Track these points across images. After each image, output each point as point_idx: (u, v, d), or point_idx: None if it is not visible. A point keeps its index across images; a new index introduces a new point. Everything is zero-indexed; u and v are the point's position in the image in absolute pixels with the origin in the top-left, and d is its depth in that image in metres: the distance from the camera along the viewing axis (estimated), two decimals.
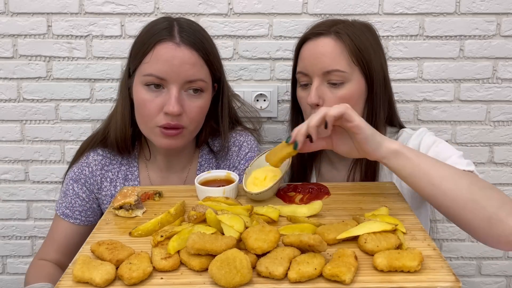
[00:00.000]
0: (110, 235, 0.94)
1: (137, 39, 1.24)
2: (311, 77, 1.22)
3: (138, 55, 1.20)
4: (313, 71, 1.21)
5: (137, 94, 1.21)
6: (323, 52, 1.20)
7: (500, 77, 1.63)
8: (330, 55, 1.20)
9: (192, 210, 0.94)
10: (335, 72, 1.19)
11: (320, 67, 1.20)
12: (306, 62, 1.23)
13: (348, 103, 1.16)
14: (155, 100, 1.18)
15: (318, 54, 1.21)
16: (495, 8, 1.58)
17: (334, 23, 1.24)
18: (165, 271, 0.80)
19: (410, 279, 0.77)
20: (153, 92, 1.18)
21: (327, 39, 1.21)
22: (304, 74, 1.24)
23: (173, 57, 1.16)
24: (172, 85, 1.17)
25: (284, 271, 0.76)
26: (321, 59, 1.20)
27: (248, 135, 1.38)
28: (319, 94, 1.20)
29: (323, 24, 1.26)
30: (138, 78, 1.20)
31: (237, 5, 1.59)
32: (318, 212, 0.99)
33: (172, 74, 1.17)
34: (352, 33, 1.22)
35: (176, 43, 1.17)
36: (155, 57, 1.17)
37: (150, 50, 1.18)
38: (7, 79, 1.65)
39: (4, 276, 1.81)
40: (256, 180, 1.11)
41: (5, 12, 1.59)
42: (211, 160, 1.35)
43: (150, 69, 1.17)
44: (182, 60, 1.17)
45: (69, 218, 1.32)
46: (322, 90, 1.21)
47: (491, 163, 1.70)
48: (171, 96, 1.17)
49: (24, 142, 1.69)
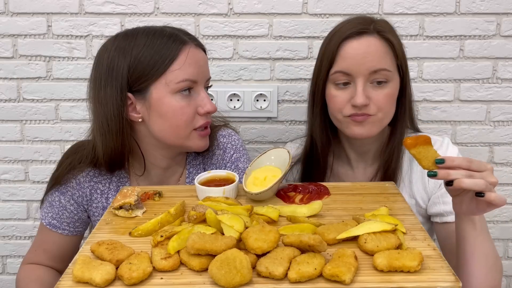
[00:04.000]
0: (110, 235, 0.94)
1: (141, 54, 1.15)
2: (354, 77, 1.19)
3: (156, 67, 1.15)
4: (358, 70, 1.18)
5: (168, 105, 1.16)
6: (369, 51, 1.18)
7: (500, 77, 1.63)
8: (376, 54, 1.18)
9: (192, 210, 0.94)
10: (381, 71, 1.18)
11: (367, 66, 1.18)
12: (350, 62, 1.19)
13: (391, 101, 1.20)
14: (190, 105, 1.18)
15: (364, 53, 1.18)
16: (495, 8, 1.58)
17: (370, 21, 1.22)
18: (165, 271, 0.80)
19: (410, 279, 0.76)
20: (186, 97, 1.18)
21: (371, 38, 1.19)
22: (345, 74, 1.20)
23: (199, 59, 1.21)
24: (200, 87, 1.21)
25: (284, 271, 0.76)
26: (368, 59, 1.18)
27: (232, 136, 1.37)
28: (366, 94, 1.19)
29: (360, 22, 1.22)
30: (164, 89, 1.16)
31: (237, 5, 1.59)
32: (318, 212, 0.99)
33: (201, 75, 1.21)
34: (391, 31, 1.22)
35: (195, 46, 1.20)
36: (187, 62, 1.16)
37: (177, 57, 1.16)
38: (7, 79, 1.65)
39: (4, 276, 1.82)
40: (256, 180, 1.11)
41: (5, 12, 1.60)
42: (198, 165, 1.34)
43: (184, 75, 1.16)
44: (204, 60, 1.23)
45: (57, 229, 1.28)
46: (367, 90, 1.19)
47: (491, 163, 1.70)
48: (204, 96, 1.21)
49: (24, 142, 1.69)
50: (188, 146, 1.23)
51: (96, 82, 1.19)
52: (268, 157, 1.16)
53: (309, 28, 1.60)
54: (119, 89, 1.16)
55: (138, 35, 1.18)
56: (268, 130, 1.70)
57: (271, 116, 1.68)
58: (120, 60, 1.16)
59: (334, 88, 1.23)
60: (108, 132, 1.17)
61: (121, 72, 1.16)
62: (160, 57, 1.15)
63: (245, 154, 1.36)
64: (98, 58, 1.21)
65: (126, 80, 1.16)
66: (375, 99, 1.19)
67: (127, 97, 1.17)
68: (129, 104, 1.18)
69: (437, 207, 1.24)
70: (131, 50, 1.16)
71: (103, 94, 1.17)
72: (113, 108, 1.16)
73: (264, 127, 1.69)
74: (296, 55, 1.63)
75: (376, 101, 1.19)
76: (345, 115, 1.22)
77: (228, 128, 1.39)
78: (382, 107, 1.20)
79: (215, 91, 1.63)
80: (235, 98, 1.65)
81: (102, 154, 1.19)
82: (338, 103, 1.22)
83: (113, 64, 1.16)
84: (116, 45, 1.18)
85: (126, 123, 1.18)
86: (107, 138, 1.18)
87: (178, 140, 1.21)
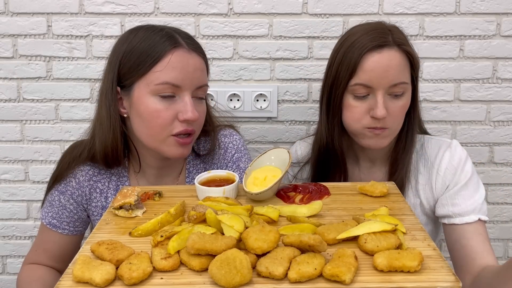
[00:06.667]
0: (110, 235, 0.94)
1: (133, 49, 1.16)
2: (375, 90, 1.19)
3: (141, 66, 1.14)
4: (379, 84, 1.19)
5: (145, 105, 1.15)
6: (391, 65, 1.18)
7: (500, 77, 1.63)
8: (397, 68, 1.19)
9: (192, 210, 0.94)
10: (400, 85, 1.20)
11: (388, 80, 1.18)
12: (371, 75, 1.19)
13: (404, 112, 1.23)
14: (169, 109, 1.15)
15: (386, 67, 1.18)
16: (495, 8, 1.58)
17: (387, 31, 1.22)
18: (165, 271, 0.80)
19: (410, 279, 0.76)
20: (166, 101, 1.15)
21: (392, 51, 1.19)
22: (365, 86, 1.20)
23: (187, 64, 1.16)
24: (185, 92, 1.16)
25: (284, 271, 0.76)
26: (389, 73, 1.18)
27: (233, 135, 1.36)
28: (385, 106, 1.20)
29: (379, 33, 1.21)
30: (145, 89, 1.15)
31: (237, 5, 1.59)
32: (318, 212, 0.99)
33: (187, 81, 1.15)
34: (407, 42, 1.23)
35: (187, 50, 1.16)
36: (170, 65, 1.13)
37: (161, 58, 1.13)
38: (7, 79, 1.65)
39: (4, 276, 1.81)
40: (256, 180, 1.10)
41: (5, 12, 1.60)
42: (199, 165, 1.33)
43: (165, 78, 1.13)
44: (195, 67, 1.17)
45: (57, 228, 1.29)
46: (386, 102, 1.20)
47: (491, 163, 1.70)
48: (187, 103, 1.15)
49: (24, 142, 1.69)
50: (163, 151, 1.19)
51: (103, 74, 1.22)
52: (268, 157, 1.16)
53: (309, 28, 1.60)
54: (111, 82, 1.18)
55: (139, 31, 1.19)
56: (268, 130, 1.70)
57: (271, 116, 1.68)
58: (117, 53, 1.18)
59: (353, 99, 1.22)
60: (103, 125, 1.19)
61: (114, 65, 1.17)
62: (147, 56, 1.14)
63: (246, 153, 1.36)
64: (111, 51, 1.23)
65: (117, 74, 1.17)
66: (391, 111, 1.20)
67: (117, 91, 1.18)
68: (118, 99, 1.19)
69: (445, 209, 1.24)
70: (127, 45, 1.17)
71: (102, 86, 1.20)
72: (106, 101, 1.18)
73: (264, 127, 1.69)
74: (296, 55, 1.63)
75: (392, 113, 1.21)
76: (364, 126, 1.22)
77: (230, 128, 1.39)
78: (397, 118, 1.22)
79: (215, 91, 1.63)
80: (235, 98, 1.65)
81: (98, 148, 1.20)
82: (357, 114, 1.22)
83: (111, 57, 1.19)
84: (120, 38, 1.22)
85: (117, 117, 1.19)
86: (103, 132, 1.19)
87: (154, 143, 1.18)
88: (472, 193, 1.23)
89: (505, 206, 1.75)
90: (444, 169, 1.26)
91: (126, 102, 1.19)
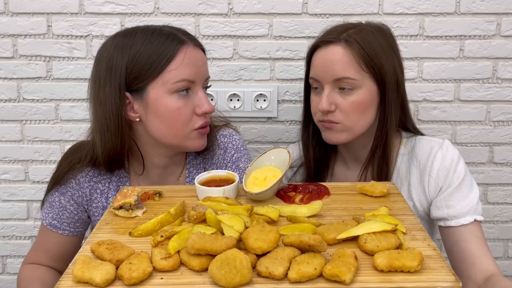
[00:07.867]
0: (110, 235, 0.94)
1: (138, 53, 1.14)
2: (322, 84, 1.25)
3: (154, 67, 1.14)
4: (324, 78, 1.24)
5: (165, 105, 1.16)
6: (332, 60, 1.22)
7: (500, 77, 1.63)
8: (339, 63, 1.21)
9: (192, 210, 0.94)
10: (345, 80, 1.21)
11: (330, 74, 1.22)
12: (317, 70, 1.26)
13: (359, 109, 1.23)
14: (187, 105, 1.18)
15: (328, 62, 1.23)
16: (495, 8, 1.58)
17: (345, 29, 1.25)
18: (165, 271, 0.80)
19: (410, 279, 0.76)
20: (183, 97, 1.17)
21: (336, 47, 1.22)
22: (315, 80, 1.27)
23: (197, 59, 1.20)
24: (198, 87, 1.20)
25: (284, 271, 0.76)
26: (331, 67, 1.22)
27: (233, 135, 1.36)
28: (331, 100, 1.23)
29: (335, 30, 1.26)
30: (161, 89, 1.15)
31: (237, 5, 1.59)
32: (318, 212, 0.99)
33: (199, 75, 1.20)
34: (362, 39, 1.22)
35: (193, 46, 1.19)
36: (184, 62, 1.16)
37: (174, 57, 1.15)
38: (7, 79, 1.65)
39: (4, 276, 1.82)
40: (256, 180, 1.10)
41: (5, 12, 1.60)
42: (199, 165, 1.34)
43: (181, 75, 1.16)
44: (202, 60, 1.22)
45: (57, 229, 1.29)
46: (333, 97, 1.23)
47: (491, 163, 1.70)
48: (202, 97, 1.20)
49: (24, 142, 1.69)
50: (187, 145, 1.22)
51: (96, 81, 1.19)
52: (268, 157, 1.16)
53: (309, 28, 1.60)
54: (117, 88, 1.16)
55: (137, 34, 1.17)
56: (268, 130, 1.70)
57: (271, 116, 1.68)
58: (119, 59, 1.16)
59: (312, 93, 1.31)
60: (107, 132, 1.17)
61: (119, 71, 1.15)
62: (158, 57, 1.15)
63: (246, 153, 1.36)
64: (98, 57, 1.20)
65: (124, 79, 1.15)
66: (341, 106, 1.23)
67: (125, 97, 1.17)
68: (127, 104, 1.18)
69: (440, 211, 1.24)
70: (130, 49, 1.15)
71: (102, 93, 1.17)
72: (111, 108, 1.16)
73: (264, 127, 1.69)
74: (296, 55, 1.63)
75: (342, 108, 1.23)
76: (318, 119, 1.29)
77: (229, 128, 1.39)
78: (348, 114, 1.23)
79: (215, 91, 1.63)
80: (235, 98, 1.65)
81: (101, 153, 1.19)
82: (313, 108, 1.30)
83: (112, 63, 1.16)
84: (115, 44, 1.18)
85: (124, 123, 1.17)
86: (106, 138, 1.18)
87: (176, 141, 1.21)
88: (466, 193, 1.23)
89: (505, 206, 1.75)
90: (436, 170, 1.25)
91: (139, 106, 1.18)
